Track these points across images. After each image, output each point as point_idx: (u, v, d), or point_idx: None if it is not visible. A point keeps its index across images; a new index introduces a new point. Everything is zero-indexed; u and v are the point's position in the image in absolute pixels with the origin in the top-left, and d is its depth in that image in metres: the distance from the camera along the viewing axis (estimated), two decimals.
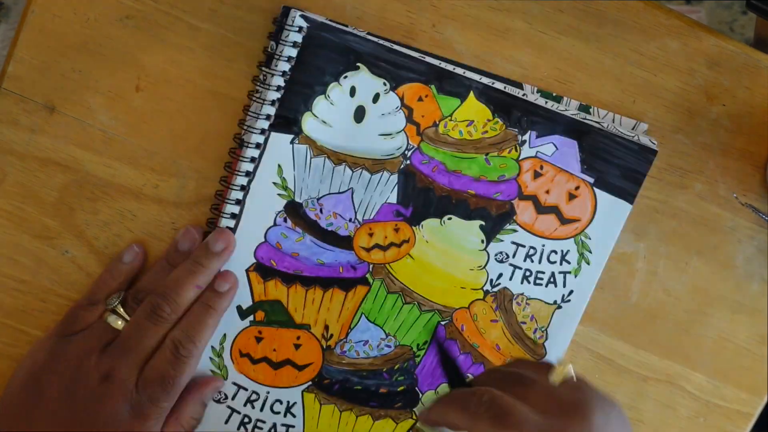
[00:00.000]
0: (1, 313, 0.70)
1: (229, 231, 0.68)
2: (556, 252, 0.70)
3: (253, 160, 0.67)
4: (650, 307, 0.72)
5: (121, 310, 0.67)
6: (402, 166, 0.69)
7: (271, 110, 0.67)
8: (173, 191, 0.69)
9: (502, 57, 0.70)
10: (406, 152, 0.69)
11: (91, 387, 0.64)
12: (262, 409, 0.70)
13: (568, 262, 0.70)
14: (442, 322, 0.70)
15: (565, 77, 0.70)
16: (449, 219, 0.70)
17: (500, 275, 0.70)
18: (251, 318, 0.69)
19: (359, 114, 0.68)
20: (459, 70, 0.69)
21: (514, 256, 0.70)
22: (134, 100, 0.68)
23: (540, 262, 0.70)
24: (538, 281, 0.71)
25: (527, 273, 0.70)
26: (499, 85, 0.69)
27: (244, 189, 0.68)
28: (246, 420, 0.70)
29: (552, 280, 0.71)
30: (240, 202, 0.68)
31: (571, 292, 0.71)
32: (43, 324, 0.69)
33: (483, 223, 0.70)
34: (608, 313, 0.72)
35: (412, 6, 0.69)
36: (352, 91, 0.68)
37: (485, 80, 0.69)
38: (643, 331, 0.72)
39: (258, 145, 0.67)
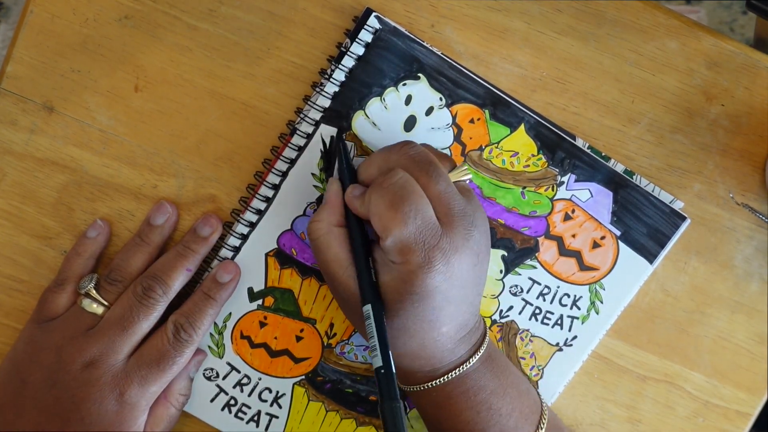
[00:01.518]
0: (0, 312, 0.70)
1: (215, 216, 0.68)
2: (569, 296, 0.71)
3: (300, 148, 0.68)
4: (649, 306, 0.72)
5: (95, 293, 0.66)
6: None
7: (328, 103, 0.68)
8: (172, 191, 0.69)
9: (501, 57, 0.70)
10: None
11: (74, 374, 0.64)
12: (250, 395, 0.70)
13: (579, 308, 0.71)
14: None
15: (563, 77, 0.70)
16: None
17: (510, 307, 0.71)
18: (260, 302, 0.70)
19: (410, 123, 0.69)
20: (515, 103, 0.69)
21: (528, 291, 0.71)
22: (133, 100, 0.68)
23: (552, 302, 0.71)
24: (545, 320, 0.71)
25: (537, 311, 0.71)
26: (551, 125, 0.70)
27: (284, 175, 0.68)
28: (232, 402, 0.70)
29: (559, 322, 0.71)
30: (276, 187, 0.68)
31: (575, 337, 0.71)
32: None
33: (505, 253, 0.70)
34: None
35: (410, 6, 0.69)
36: (408, 100, 0.68)
37: (539, 117, 0.70)
38: (642, 331, 0.72)
39: (308, 135, 0.68)
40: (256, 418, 0.71)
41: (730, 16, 1.43)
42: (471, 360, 0.63)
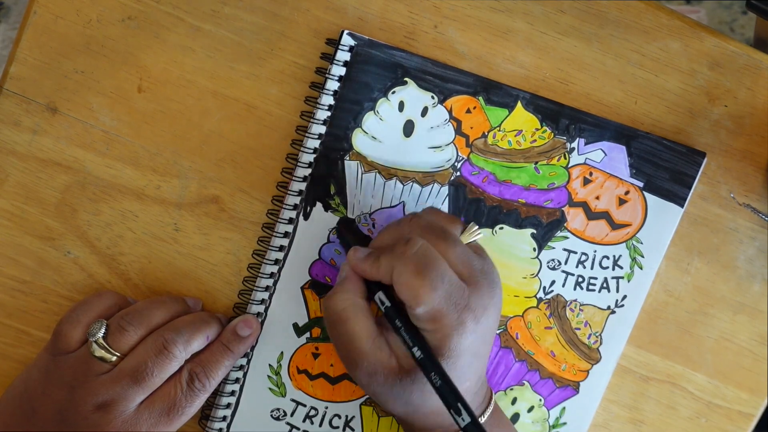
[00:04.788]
0: (3, 313, 0.70)
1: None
2: (608, 257, 0.71)
3: (305, 179, 0.68)
4: (652, 307, 0.72)
5: (103, 342, 0.64)
6: (452, 178, 0.70)
7: (323, 129, 0.68)
8: (175, 192, 0.69)
9: (504, 58, 0.70)
10: (456, 164, 0.69)
11: (84, 414, 0.63)
12: (321, 425, 0.70)
13: (621, 267, 0.71)
14: (497, 331, 0.71)
15: (566, 78, 0.70)
16: (501, 228, 0.70)
17: (553, 282, 0.71)
18: (308, 335, 0.70)
19: (408, 128, 0.69)
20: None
21: (566, 262, 0.71)
22: (136, 100, 0.68)
23: (592, 267, 0.71)
24: (591, 287, 0.71)
25: (580, 279, 0.71)
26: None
27: (297, 208, 0.68)
28: None
29: (605, 285, 0.71)
30: (293, 221, 0.68)
31: (624, 297, 0.71)
32: (44, 325, 0.69)
33: (534, 231, 0.70)
34: None
35: (413, 7, 0.69)
36: (401, 106, 0.68)
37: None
38: (645, 332, 0.72)
39: (310, 165, 0.68)
40: None
41: (730, 16, 1.43)
42: (484, 414, 0.65)
